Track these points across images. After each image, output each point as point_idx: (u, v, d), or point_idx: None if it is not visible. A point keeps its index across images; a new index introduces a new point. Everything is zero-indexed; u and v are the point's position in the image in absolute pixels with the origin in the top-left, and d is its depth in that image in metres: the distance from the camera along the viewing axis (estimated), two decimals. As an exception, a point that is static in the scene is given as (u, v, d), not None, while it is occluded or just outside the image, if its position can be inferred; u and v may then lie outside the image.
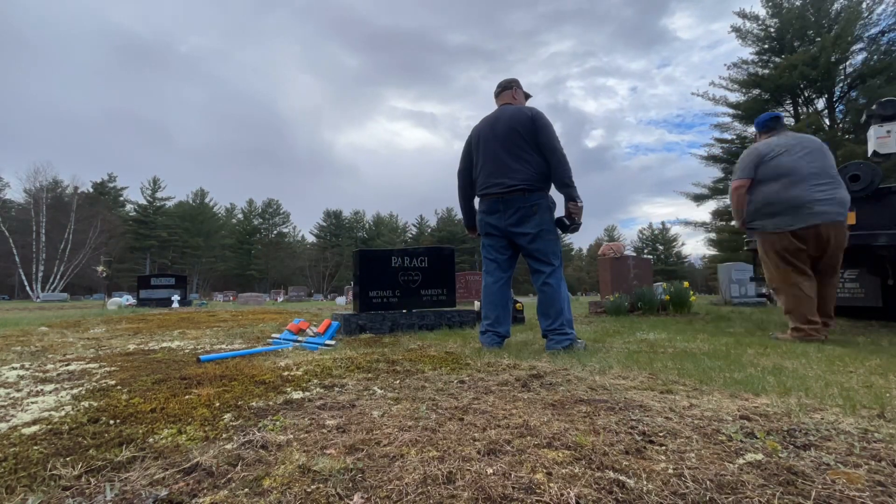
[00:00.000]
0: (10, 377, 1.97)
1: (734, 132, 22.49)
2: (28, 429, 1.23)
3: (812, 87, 20.19)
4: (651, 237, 74.34)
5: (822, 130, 19.22)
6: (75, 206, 36.89)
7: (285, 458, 0.98)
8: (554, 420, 1.22)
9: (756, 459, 0.94)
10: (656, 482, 0.84)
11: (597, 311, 6.06)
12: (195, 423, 1.25)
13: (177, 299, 12.28)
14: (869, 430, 1.11)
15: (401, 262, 3.93)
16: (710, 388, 1.57)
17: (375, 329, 3.59)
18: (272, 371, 1.96)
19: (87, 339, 3.54)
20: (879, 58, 18.22)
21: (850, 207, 3.16)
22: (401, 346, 2.79)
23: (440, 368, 1.98)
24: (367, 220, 73.46)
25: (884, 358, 2.26)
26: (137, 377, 1.89)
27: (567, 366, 1.99)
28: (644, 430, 1.12)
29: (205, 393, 1.56)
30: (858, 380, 1.73)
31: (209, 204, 63.00)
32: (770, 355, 2.35)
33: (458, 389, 1.59)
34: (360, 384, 1.70)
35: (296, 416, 1.30)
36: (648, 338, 3.14)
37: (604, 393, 1.50)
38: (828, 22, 19.69)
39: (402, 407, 1.37)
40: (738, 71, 21.90)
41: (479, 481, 0.84)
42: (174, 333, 3.83)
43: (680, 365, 2.01)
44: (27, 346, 3.10)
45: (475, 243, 24.95)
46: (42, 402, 1.53)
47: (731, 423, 1.18)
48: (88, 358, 2.50)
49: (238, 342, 3.16)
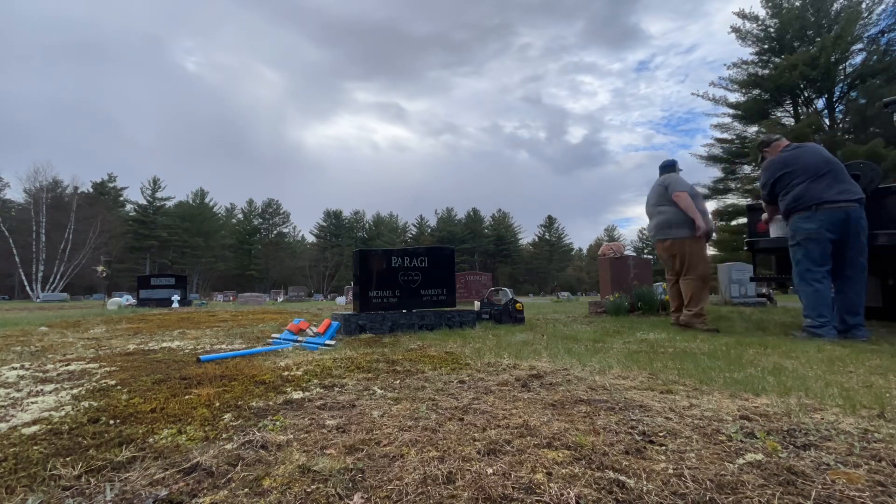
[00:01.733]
0: (10, 377, 1.97)
1: (734, 132, 22.49)
2: (28, 429, 1.23)
3: (812, 87, 20.20)
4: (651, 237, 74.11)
5: (822, 130, 19.23)
6: (75, 206, 36.85)
7: (285, 458, 0.98)
8: (554, 420, 1.22)
9: (756, 459, 0.94)
10: (656, 482, 0.84)
11: (597, 311, 6.06)
12: (195, 423, 1.25)
13: (177, 299, 12.27)
14: (869, 430, 1.11)
15: (401, 262, 3.93)
16: (710, 388, 1.57)
17: (375, 329, 3.59)
18: (272, 371, 1.96)
19: (87, 339, 3.54)
20: (879, 58, 18.23)
21: None
22: (401, 346, 2.79)
23: (440, 368, 1.98)
24: (367, 220, 73.49)
25: (884, 358, 2.26)
26: (137, 377, 1.89)
27: (567, 366, 1.99)
28: (644, 430, 1.12)
29: (205, 393, 1.56)
30: (858, 380, 1.73)
31: (209, 204, 62.99)
32: (770, 355, 2.35)
33: (458, 389, 1.59)
34: (360, 384, 1.70)
35: (296, 416, 1.30)
36: (648, 338, 3.14)
37: (604, 393, 1.50)
38: (828, 22, 19.70)
39: (402, 407, 1.37)
40: (737, 71, 21.92)
41: (479, 481, 0.84)
42: (174, 333, 3.83)
43: (680, 365, 2.01)
44: (27, 346, 3.10)
45: (475, 243, 24.93)
46: (42, 402, 1.53)
47: (731, 423, 1.18)
48: (88, 358, 2.50)
49: (238, 342, 3.16)
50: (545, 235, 76.83)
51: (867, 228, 3.23)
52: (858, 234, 3.20)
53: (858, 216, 3.20)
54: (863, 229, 3.21)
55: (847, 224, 3.19)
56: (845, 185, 3.25)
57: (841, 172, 3.30)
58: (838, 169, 3.31)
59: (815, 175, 3.30)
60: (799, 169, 3.37)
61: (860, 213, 3.21)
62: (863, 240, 3.22)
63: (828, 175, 3.28)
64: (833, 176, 3.27)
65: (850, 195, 3.21)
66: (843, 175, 3.29)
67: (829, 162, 3.35)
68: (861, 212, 3.21)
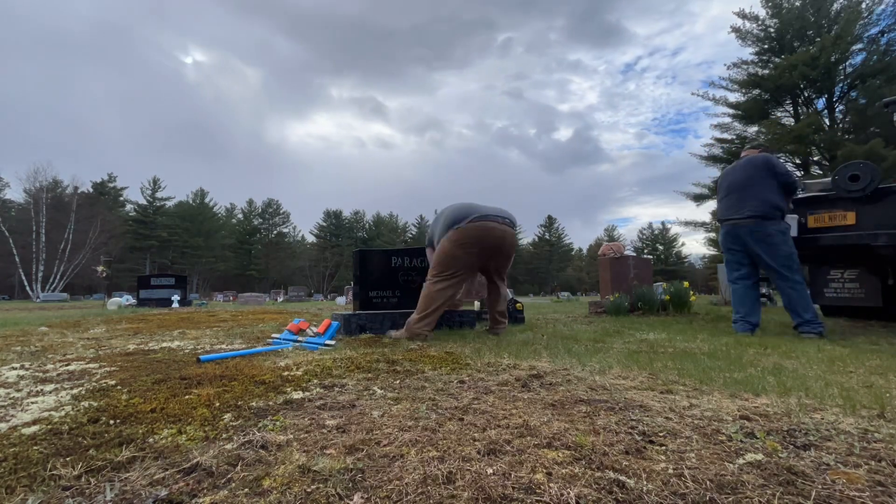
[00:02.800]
0: (10, 377, 1.97)
1: (734, 132, 22.47)
2: (28, 429, 1.23)
3: (812, 87, 20.18)
4: (651, 237, 74.34)
5: (822, 130, 19.22)
6: (75, 206, 36.85)
7: (285, 458, 0.98)
8: (554, 420, 1.22)
9: (756, 459, 0.94)
10: (656, 482, 0.84)
11: (597, 311, 6.06)
12: (195, 423, 1.25)
13: (177, 299, 12.28)
14: (869, 430, 1.11)
15: (401, 262, 3.93)
16: (710, 388, 1.57)
17: (375, 329, 3.58)
18: (272, 371, 1.96)
19: (87, 339, 3.54)
20: (879, 58, 18.22)
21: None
22: (401, 346, 2.79)
23: (440, 368, 1.98)
24: (367, 220, 73.47)
25: (884, 358, 2.26)
26: (137, 377, 1.89)
27: (567, 366, 1.99)
28: (644, 430, 1.12)
29: (205, 393, 1.56)
30: (858, 380, 1.73)
31: (209, 204, 62.98)
32: (770, 355, 2.35)
33: (458, 389, 1.59)
34: (360, 384, 1.70)
35: (296, 416, 1.30)
36: (648, 338, 3.14)
37: (604, 393, 1.50)
38: (828, 22, 19.68)
39: (402, 407, 1.37)
40: (737, 71, 21.90)
41: (479, 481, 0.84)
42: (174, 333, 3.83)
43: (680, 365, 2.01)
44: (27, 346, 3.10)
45: (475, 243, 24.78)
46: (42, 402, 1.53)
47: (731, 423, 1.18)
48: (88, 358, 2.50)
49: (238, 342, 3.16)
50: (545, 235, 76.82)
51: (768, 239, 3.45)
52: (759, 244, 3.48)
53: (751, 230, 3.51)
54: (762, 240, 3.47)
55: (741, 238, 3.59)
56: (744, 201, 3.55)
57: (749, 189, 3.56)
58: (748, 185, 3.57)
59: (726, 194, 3.74)
60: (724, 187, 3.79)
61: (755, 227, 3.49)
62: (760, 250, 3.48)
63: (733, 194, 3.65)
64: (738, 194, 3.61)
65: (742, 212, 3.55)
66: (752, 191, 3.54)
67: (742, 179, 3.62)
68: (758, 225, 3.48)
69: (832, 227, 3.82)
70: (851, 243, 3.58)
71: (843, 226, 3.77)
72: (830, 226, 3.84)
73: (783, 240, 3.45)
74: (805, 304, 3.37)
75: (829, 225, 3.85)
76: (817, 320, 3.32)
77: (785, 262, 3.42)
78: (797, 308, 3.38)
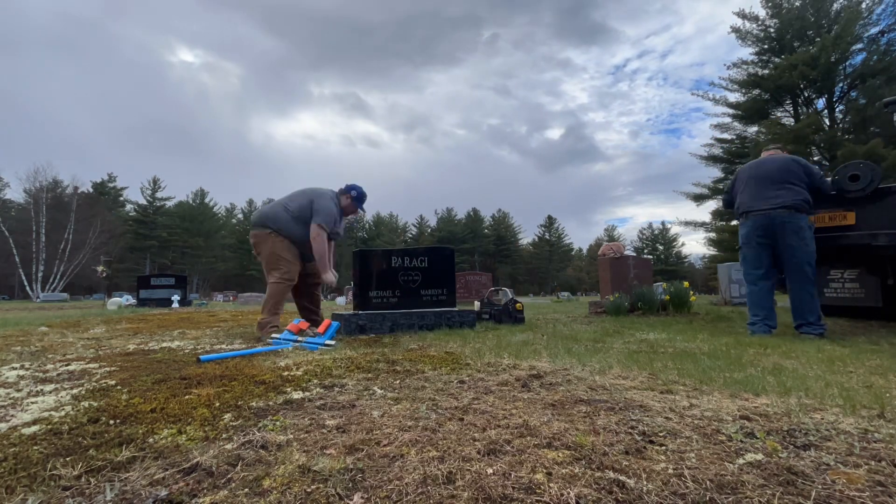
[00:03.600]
0: (10, 377, 1.97)
1: (734, 132, 22.47)
2: (28, 429, 1.23)
3: (812, 87, 20.17)
4: (651, 237, 74.36)
5: (822, 130, 19.21)
6: (75, 206, 36.84)
7: (285, 458, 0.98)
8: (554, 420, 1.22)
9: (756, 459, 0.94)
10: (656, 482, 0.84)
11: (597, 311, 6.06)
12: (195, 423, 1.25)
13: (177, 299, 12.28)
14: (869, 430, 1.11)
15: (401, 262, 3.93)
16: (710, 388, 1.57)
17: (375, 329, 3.59)
18: (272, 371, 1.96)
19: (87, 339, 3.54)
20: (879, 58, 18.21)
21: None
22: (401, 346, 2.79)
23: (440, 368, 1.98)
24: (367, 220, 73.50)
25: (884, 358, 2.26)
26: (137, 377, 1.89)
27: (567, 366, 1.99)
28: (644, 430, 1.12)
29: (205, 393, 1.56)
30: (858, 380, 1.73)
31: (209, 204, 63.02)
32: (770, 355, 2.35)
33: (458, 389, 1.59)
34: (360, 384, 1.70)
35: (296, 416, 1.30)
36: (648, 338, 3.14)
37: (604, 393, 1.50)
38: (828, 22, 19.68)
39: (402, 407, 1.37)
40: (737, 71, 21.89)
41: (479, 481, 0.84)
42: (174, 333, 3.83)
43: (680, 365, 2.01)
44: (27, 346, 3.10)
45: (475, 243, 24.79)
46: (42, 402, 1.53)
47: (731, 423, 1.18)
48: (88, 358, 2.50)
49: (238, 342, 3.16)
50: (545, 235, 76.85)
51: (800, 232, 3.36)
52: (792, 236, 3.36)
53: (785, 220, 3.38)
54: (795, 232, 3.36)
55: (771, 229, 3.44)
56: (776, 191, 3.45)
57: (782, 183, 3.46)
58: (779, 179, 3.47)
59: (755, 185, 3.58)
60: (745, 179, 3.66)
61: (789, 217, 3.37)
62: (792, 242, 3.37)
63: (763, 185, 3.54)
64: (767, 185, 3.50)
65: (774, 202, 3.43)
66: (785, 185, 3.45)
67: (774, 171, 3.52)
68: (792, 216, 3.37)
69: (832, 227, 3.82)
70: (852, 243, 3.58)
71: (843, 226, 3.77)
72: (830, 226, 3.84)
73: (811, 236, 3.39)
74: (812, 308, 3.32)
75: (829, 225, 3.85)
76: (820, 322, 3.29)
77: (810, 259, 3.35)
78: (804, 310, 3.33)
